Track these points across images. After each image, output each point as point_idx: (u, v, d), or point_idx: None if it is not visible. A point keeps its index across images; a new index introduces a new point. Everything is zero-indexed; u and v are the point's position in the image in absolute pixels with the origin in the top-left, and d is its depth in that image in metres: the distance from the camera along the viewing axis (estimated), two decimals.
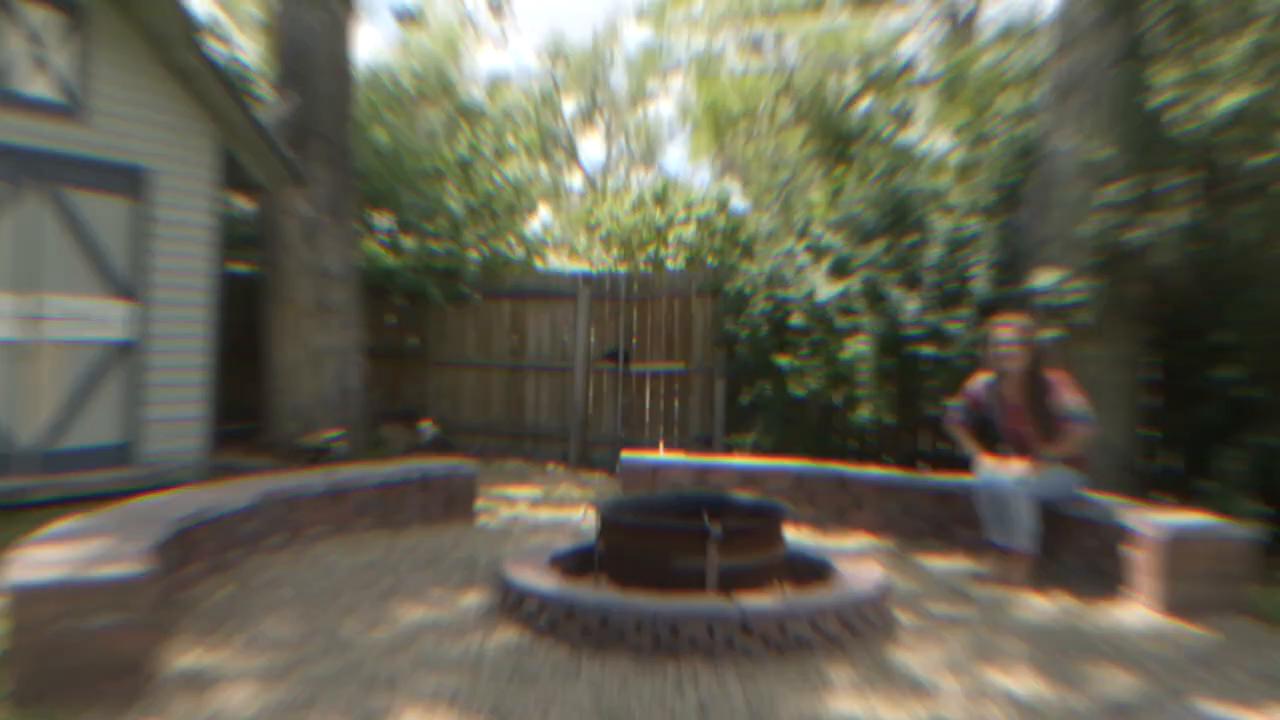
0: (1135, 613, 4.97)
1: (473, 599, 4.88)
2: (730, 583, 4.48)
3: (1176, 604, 4.92)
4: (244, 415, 10.62)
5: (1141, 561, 5.12)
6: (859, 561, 5.11)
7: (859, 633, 4.35)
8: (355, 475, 6.35)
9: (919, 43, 22.53)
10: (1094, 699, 3.82)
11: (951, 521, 6.42)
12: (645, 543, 4.69)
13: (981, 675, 4.02)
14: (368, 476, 6.38)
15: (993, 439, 5.93)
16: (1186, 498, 6.29)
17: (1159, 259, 6.45)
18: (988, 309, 6.88)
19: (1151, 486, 7.03)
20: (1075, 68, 7.14)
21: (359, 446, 9.79)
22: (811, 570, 4.93)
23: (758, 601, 4.26)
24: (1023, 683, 3.96)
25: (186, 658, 3.93)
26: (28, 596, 3.37)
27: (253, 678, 3.75)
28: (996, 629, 4.65)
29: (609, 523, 4.87)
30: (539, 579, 4.51)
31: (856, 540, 6.56)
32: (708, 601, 4.23)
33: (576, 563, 4.99)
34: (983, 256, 7.50)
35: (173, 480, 7.62)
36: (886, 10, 23.16)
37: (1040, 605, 5.08)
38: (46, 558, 3.72)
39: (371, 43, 36.12)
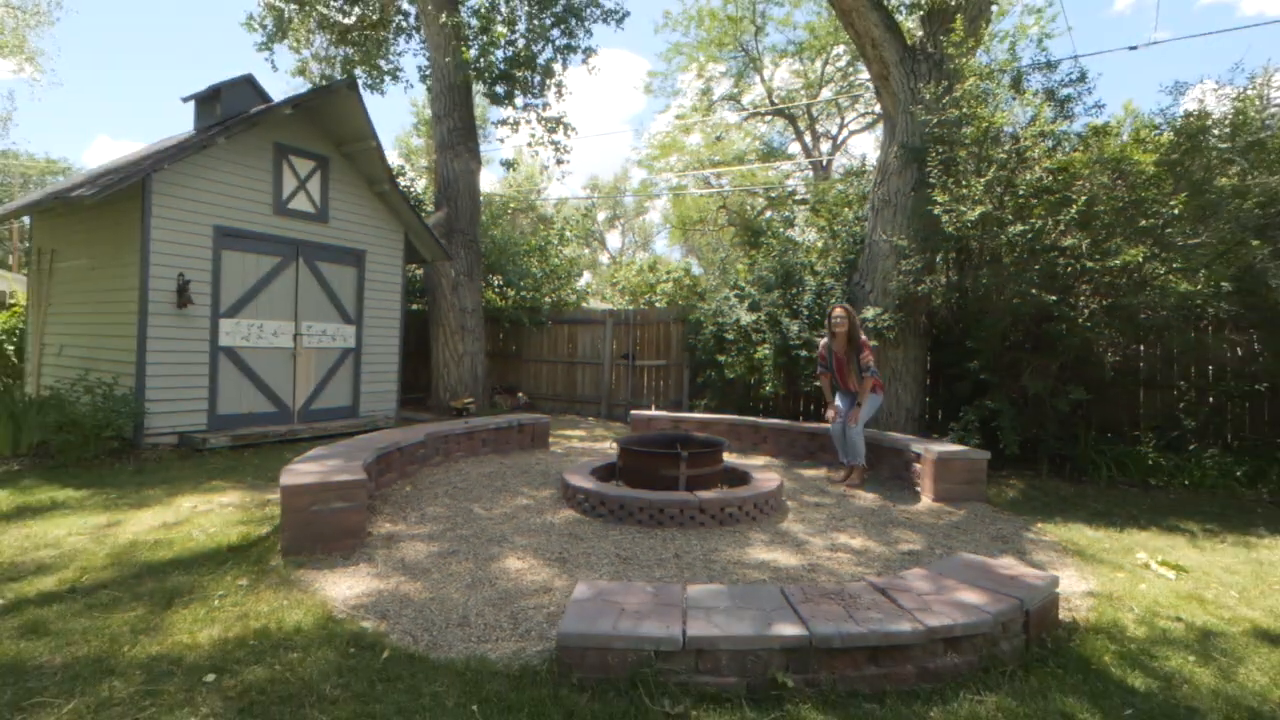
0: (922, 502, 4.95)
1: (548, 493, 4.85)
2: (692, 484, 4.47)
3: (944, 496, 4.92)
4: (418, 389, 10.59)
5: (924, 471, 5.10)
6: (765, 472, 5.07)
7: (766, 513, 4.34)
8: (481, 422, 6.32)
9: (798, 178, 22.49)
10: (897, 549, 3.80)
11: (818, 449, 6.39)
12: (644, 461, 4.66)
13: (835, 537, 4.01)
14: (488, 423, 6.35)
15: (835, 387, 5.69)
16: (947, 435, 6.24)
17: (934, 302, 6.40)
18: None
19: (930, 429, 7.01)
20: (888, 192, 7.10)
21: (483, 407, 9.68)
22: (738, 477, 4.91)
23: (708, 495, 4.23)
24: (858, 541, 3.95)
25: (384, 527, 3.91)
26: (294, 490, 3.36)
27: (422, 538, 3.73)
28: (843, 511, 4.63)
29: (623, 450, 4.86)
30: (584, 481, 4.47)
31: (764, 460, 6.54)
32: (680, 495, 4.21)
33: (605, 473, 4.97)
34: (835, 299, 7.41)
35: (377, 426, 7.62)
36: (779, 161, 23.14)
37: (867, 497, 5.05)
38: (305, 469, 3.70)
39: (489, 178, 35.99)
